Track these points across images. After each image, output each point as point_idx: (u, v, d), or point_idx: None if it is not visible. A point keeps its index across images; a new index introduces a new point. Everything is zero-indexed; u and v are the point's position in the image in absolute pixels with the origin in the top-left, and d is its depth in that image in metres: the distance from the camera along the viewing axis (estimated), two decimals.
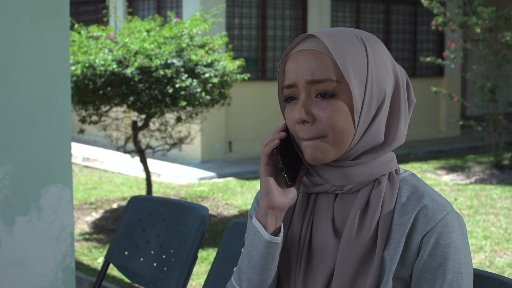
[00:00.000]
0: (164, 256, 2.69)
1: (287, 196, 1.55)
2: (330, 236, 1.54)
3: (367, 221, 1.51)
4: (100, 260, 5.77)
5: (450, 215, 1.50)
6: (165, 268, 2.67)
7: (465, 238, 1.53)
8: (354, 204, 1.53)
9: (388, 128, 1.55)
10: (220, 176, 9.45)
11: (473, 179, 8.93)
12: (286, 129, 1.57)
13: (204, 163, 10.17)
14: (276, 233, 1.56)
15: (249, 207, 7.53)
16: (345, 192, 1.55)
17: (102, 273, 2.81)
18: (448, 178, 9.19)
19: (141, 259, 2.76)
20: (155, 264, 2.71)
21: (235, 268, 2.42)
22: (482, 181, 8.83)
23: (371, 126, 1.52)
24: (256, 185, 8.69)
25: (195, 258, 2.59)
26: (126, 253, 2.80)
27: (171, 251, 2.68)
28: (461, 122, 9.75)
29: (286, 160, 1.55)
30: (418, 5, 12.37)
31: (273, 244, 1.54)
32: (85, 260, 5.79)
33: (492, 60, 9.37)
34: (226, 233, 2.46)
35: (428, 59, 9.89)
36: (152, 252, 2.74)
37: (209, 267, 5.52)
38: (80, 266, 5.51)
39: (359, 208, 1.52)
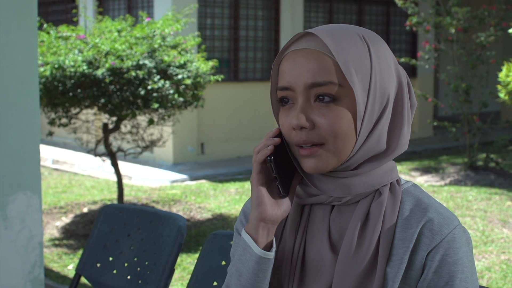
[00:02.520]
0: (138, 269, 2.57)
1: (280, 208, 1.43)
2: (326, 251, 1.42)
3: (367, 235, 1.39)
4: (71, 267, 5.61)
5: (457, 229, 1.39)
6: (140, 282, 2.54)
7: (472, 255, 1.42)
8: (353, 216, 1.41)
9: (391, 134, 1.43)
10: (192, 178, 9.32)
11: (447, 181, 8.90)
12: (279, 134, 1.44)
13: (176, 166, 10.03)
14: (267, 248, 1.43)
15: (222, 210, 7.42)
16: (343, 203, 1.43)
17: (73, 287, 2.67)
18: (422, 179, 9.15)
19: (114, 271, 2.63)
20: (129, 277, 2.58)
21: (215, 283, 2.30)
22: (456, 182, 8.80)
23: (373, 132, 1.40)
24: (229, 188, 8.58)
25: (172, 271, 2.47)
26: (98, 265, 2.66)
27: (146, 263, 2.55)
28: (435, 123, 9.72)
29: (280, 169, 1.42)
30: (390, 5, 12.35)
31: (265, 260, 1.42)
32: (55, 267, 5.62)
33: (466, 61, 9.34)
34: (205, 245, 2.35)
35: (403, 59, 9.85)
36: (126, 264, 2.61)
37: (182, 273, 5.39)
38: (49, 274, 5.35)
39: (358, 221, 1.40)
